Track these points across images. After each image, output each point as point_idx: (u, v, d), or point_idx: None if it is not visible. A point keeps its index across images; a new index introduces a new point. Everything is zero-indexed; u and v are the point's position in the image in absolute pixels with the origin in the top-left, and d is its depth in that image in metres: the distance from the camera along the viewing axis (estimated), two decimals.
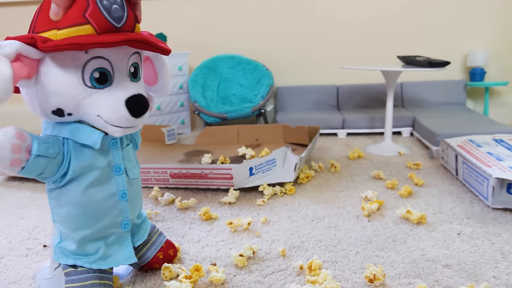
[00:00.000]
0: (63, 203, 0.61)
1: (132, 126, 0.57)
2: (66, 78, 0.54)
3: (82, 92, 0.55)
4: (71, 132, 0.59)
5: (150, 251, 0.73)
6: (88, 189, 0.60)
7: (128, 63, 0.59)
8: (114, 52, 0.56)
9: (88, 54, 0.54)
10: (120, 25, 0.54)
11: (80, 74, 0.54)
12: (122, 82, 0.57)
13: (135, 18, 0.58)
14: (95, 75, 0.55)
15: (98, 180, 0.61)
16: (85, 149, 0.60)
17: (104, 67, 0.55)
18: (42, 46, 0.51)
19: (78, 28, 0.52)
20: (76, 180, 0.60)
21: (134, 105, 0.56)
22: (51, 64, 0.54)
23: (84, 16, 0.52)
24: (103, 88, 0.56)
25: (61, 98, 0.55)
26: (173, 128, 1.73)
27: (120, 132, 0.57)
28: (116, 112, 0.55)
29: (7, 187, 1.28)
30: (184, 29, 2.22)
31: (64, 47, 0.50)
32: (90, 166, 0.60)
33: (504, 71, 2.10)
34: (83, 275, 0.63)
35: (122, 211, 0.65)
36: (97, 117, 0.56)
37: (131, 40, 0.53)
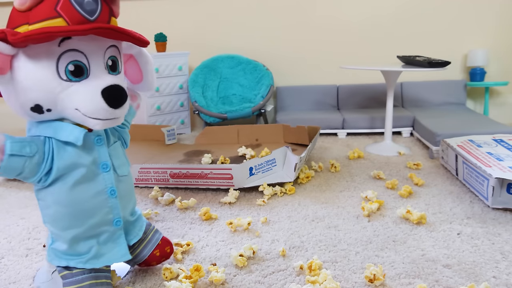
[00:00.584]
0: (50, 203, 0.61)
1: (111, 118, 0.57)
2: (40, 72, 0.54)
3: (57, 85, 0.55)
4: (53, 130, 0.58)
5: (146, 248, 0.73)
6: (74, 187, 0.60)
7: (105, 55, 0.58)
8: (88, 45, 0.56)
9: (61, 47, 0.54)
10: (93, 18, 0.54)
11: (54, 67, 0.54)
12: (99, 75, 0.57)
13: (110, 11, 0.57)
14: (70, 68, 0.55)
15: (84, 177, 0.60)
16: (68, 147, 0.59)
17: (79, 60, 0.55)
18: (12, 39, 0.51)
19: (50, 21, 0.52)
20: (61, 179, 0.59)
21: (111, 95, 0.55)
22: (24, 59, 0.54)
23: (56, 9, 0.52)
24: (80, 81, 0.56)
25: (37, 93, 0.55)
26: (173, 128, 1.73)
27: (100, 124, 0.57)
28: (93, 103, 0.55)
29: (7, 187, 1.28)
30: (184, 29, 2.22)
31: (33, 37, 0.50)
32: (74, 164, 0.60)
33: (504, 71, 2.10)
34: (78, 277, 0.62)
35: (112, 208, 0.64)
36: (75, 110, 0.56)
37: (100, 28, 0.53)
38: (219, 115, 1.88)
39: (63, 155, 0.59)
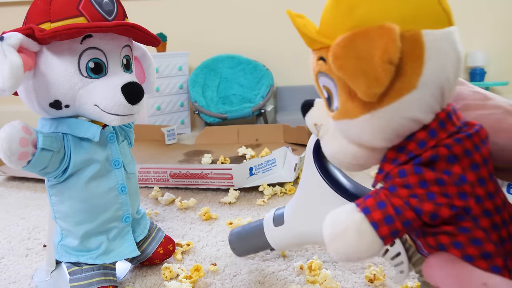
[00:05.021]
0: (65, 198, 0.62)
1: (129, 114, 0.58)
2: (63, 68, 0.55)
3: (78, 82, 0.56)
4: (69, 126, 0.60)
5: (150, 246, 0.74)
6: (89, 182, 0.62)
7: (121, 54, 0.60)
8: (107, 43, 0.58)
9: (83, 44, 0.56)
10: (111, 18, 0.57)
11: (76, 64, 0.56)
12: (117, 72, 0.59)
13: (124, 12, 0.60)
14: (90, 65, 0.56)
15: (98, 173, 0.62)
16: (84, 143, 0.61)
17: (98, 57, 0.57)
18: (40, 35, 0.52)
19: (72, 20, 0.54)
20: (76, 174, 0.61)
21: (131, 91, 0.57)
22: (48, 55, 0.55)
23: (78, 9, 0.54)
24: (99, 78, 0.57)
25: (58, 89, 0.56)
26: (173, 128, 1.73)
27: (117, 120, 0.58)
28: (113, 99, 0.56)
29: (7, 187, 1.28)
30: (184, 29, 2.22)
31: (62, 33, 0.52)
32: (90, 160, 0.61)
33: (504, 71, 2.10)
34: (88, 273, 0.63)
35: (122, 205, 0.66)
36: (94, 106, 0.57)
37: (123, 25, 0.56)
38: (219, 115, 1.88)
39: (79, 151, 0.61)
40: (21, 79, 0.50)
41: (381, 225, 0.32)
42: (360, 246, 0.33)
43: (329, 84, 0.36)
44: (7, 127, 0.52)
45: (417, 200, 0.31)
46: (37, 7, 0.56)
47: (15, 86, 0.49)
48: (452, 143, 0.32)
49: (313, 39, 0.35)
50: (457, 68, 0.33)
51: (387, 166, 0.35)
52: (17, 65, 0.49)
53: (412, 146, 0.33)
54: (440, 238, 0.33)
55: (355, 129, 0.34)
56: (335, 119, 0.36)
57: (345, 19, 0.32)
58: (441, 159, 0.32)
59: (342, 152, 0.36)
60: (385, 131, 0.32)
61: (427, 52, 0.30)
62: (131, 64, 0.64)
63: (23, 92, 0.59)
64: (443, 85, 0.32)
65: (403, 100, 0.31)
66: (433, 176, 0.31)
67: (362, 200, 0.34)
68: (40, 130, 0.59)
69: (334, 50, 0.31)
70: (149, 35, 0.60)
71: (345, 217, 0.34)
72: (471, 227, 0.32)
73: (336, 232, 0.34)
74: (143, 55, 0.71)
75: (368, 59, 0.29)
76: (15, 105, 2.19)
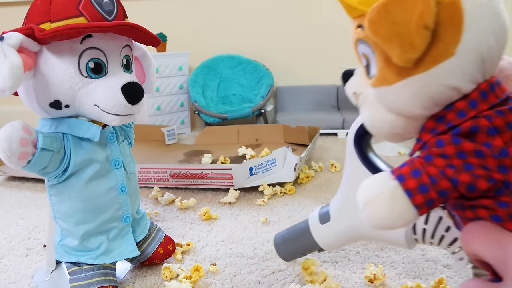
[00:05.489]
0: (65, 198, 0.62)
1: (129, 114, 0.58)
2: (63, 68, 0.55)
3: (78, 82, 0.56)
4: (69, 126, 0.60)
5: (151, 246, 0.74)
6: (89, 182, 0.62)
7: (121, 54, 0.60)
8: (107, 43, 0.58)
9: (83, 44, 0.56)
10: (111, 18, 0.57)
11: (76, 64, 0.56)
12: (116, 72, 0.59)
13: (124, 12, 0.60)
14: (90, 65, 0.56)
15: (98, 173, 0.62)
16: (84, 143, 0.61)
17: (98, 57, 0.57)
18: (40, 35, 0.52)
19: (72, 20, 0.54)
20: (76, 174, 0.61)
21: (131, 91, 0.57)
22: (48, 55, 0.55)
23: (78, 9, 0.54)
24: (99, 78, 0.57)
25: (58, 89, 0.56)
26: (173, 128, 1.73)
27: (117, 120, 0.58)
28: (113, 99, 0.56)
29: (7, 187, 1.28)
30: (184, 29, 2.22)
31: (62, 32, 0.52)
32: (90, 160, 0.62)
33: None
34: (88, 273, 0.64)
35: (122, 205, 0.66)
36: (94, 106, 0.57)
37: (123, 25, 0.56)
38: (219, 115, 1.88)
39: (79, 151, 0.61)
40: (21, 79, 0.50)
41: (415, 193, 0.32)
42: (393, 212, 0.32)
43: (367, 51, 0.36)
44: (7, 127, 0.52)
45: (454, 170, 0.31)
46: (37, 7, 0.56)
47: (15, 86, 0.49)
48: (494, 114, 0.31)
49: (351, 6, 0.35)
50: (501, 38, 0.32)
51: (426, 136, 0.34)
52: (17, 65, 0.49)
53: (451, 115, 0.32)
54: (479, 212, 0.33)
55: (392, 96, 0.33)
56: (373, 86, 0.36)
57: None
58: (481, 131, 0.31)
59: (380, 121, 0.36)
60: (422, 98, 0.32)
61: (467, 19, 0.30)
62: (131, 64, 0.64)
63: (23, 92, 0.59)
64: (483, 53, 0.31)
65: (440, 66, 0.30)
66: (472, 147, 0.31)
67: (398, 167, 0.34)
68: (40, 130, 0.59)
69: (370, 15, 0.31)
70: (149, 35, 0.60)
71: (380, 183, 0.33)
72: (510, 201, 0.31)
73: (369, 198, 0.33)
74: (143, 55, 0.71)
75: (404, 23, 0.29)
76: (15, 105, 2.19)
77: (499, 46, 0.32)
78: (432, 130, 0.33)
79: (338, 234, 0.57)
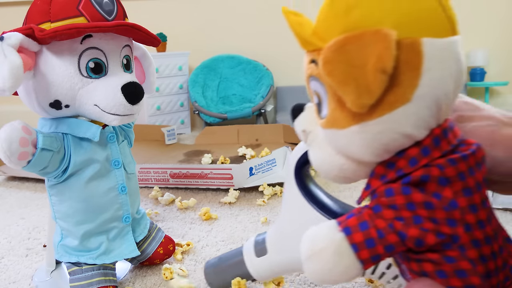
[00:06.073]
0: (65, 198, 0.62)
1: (129, 114, 0.58)
2: (63, 68, 0.55)
3: (79, 82, 0.56)
4: (69, 126, 0.60)
5: (150, 246, 0.74)
6: (89, 182, 0.62)
7: (121, 54, 0.60)
8: (107, 43, 0.58)
9: (83, 44, 0.56)
10: (111, 18, 0.57)
11: (76, 64, 0.56)
12: (117, 72, 0.59)
13: (124, 12, 0.60)
14: (90, 65, 0.56)
15: (98, 173, 0.62)
16: (84, 143, 0.61)
17: (98, 58, 0.57)
18: (40, 35, 0.52)
19: (72, 20, 0.54)
20: (76, 174, 0.61)
21: (131, 91, 0.57)
22: (48, 55, 0.55)
23: (78, 9, 0.54)
24: (99, 78, 0.57)
25: (58, 89, 0.56)
26: (173, 128, 1.73)
27: (117, 120, 0.58)
28: (113, 99, 0.56)
29: (7, 187, 1.28)
30: (184, 29, 2.22)
31: (62, 33, 0.52)
32: (90, 160, 0.62)
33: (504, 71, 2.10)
34: (88, 273, 0.64)
35: (122, 205, 0.66)
36: (94, 106, 0.57)
37: (123, 25, 0.56)
38: (219, 115, 1.88)
39: (79, 151, 0.61)
40: (21, 79, 0.50)
41: (361, 248, 0.31)
42: (338, 268, 0.31)
43: (319, 89, 0.34)
44: (7, 127, 0.52)
45: (402, 224, 0.30)
46: (37, 7, 0.56)
47: (15, 86, 0.49)
48: (445, 163, 0.30)
49: (305, 39, 0.33)
50: (458, 81, 0.31)
51: (375, 182, 0.32)
52: (17, 65, 0.49)
53: (403, 163, 0.31)
54: (424, 266, 0.32)
55: (343, 140, 0.32)
56: (323, 127, 0.34)
57: (340, 20, 0.30)
58: (432, 180, 0.30)
59: (329, 163, 0.34)
60: (374, 145, 0.30)
61: (426, 62, 0.28)
62: (131, 64, 0.64)
63: (23, 92, 0.59)
64: (440, 99, 0.29)
65: (395, 113, 0.29)
66: (422, 198, 0.30)
67: (345, 218, 0.32)
68: (40, 130, 0.59)
69: (325, 54, 0.29)
70: (149, 35, 0.61)
71: (324, 235, 0.32)
72: (457, 256, 0.30)
73: (313, 251, 0.32)
74: (143, 55, 0.71)
75: (360, 66, 0.27)
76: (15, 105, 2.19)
77: (457, 89, 0.31)
78: (382, 177, 0.32)
79: (275, 268, 0.55)
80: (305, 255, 0.32)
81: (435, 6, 0.29)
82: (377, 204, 0.31)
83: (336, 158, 0.34)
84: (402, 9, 0.28)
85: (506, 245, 0.33)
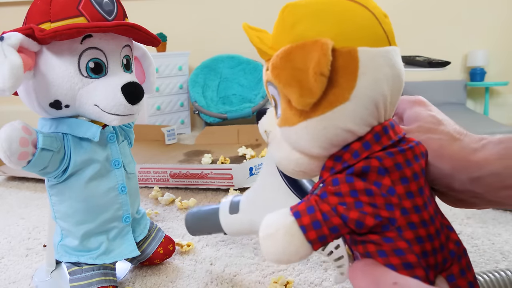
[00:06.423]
0: (65, 198, 0.62)
1: (129, 114, 0.59)
2: (64, 68, 0.55)
3: (79, 82, 0.56)
4: (69, 126, 0.60)
5: (150, 246, 0.74)
6: (89, 182, 0.62)
7: (121, 54, 0.60)
8: (107, 43, 0.58)
9: (83, 44, 0.56)
10: (111, 18, 0.57)
11: (76, 64, 0.56)
12: (117, 72, 0.59)
13: (124, 12, 0.60)
14: (90, 65, 0.56)
15: (98, 173, 0.62)
16: (84, 143, 0.61)
17: (98, 58, 0.57)
18: (40, 35, 0.52)
19: (72, 20, 0.54)
20: (76, 174, 0.61)
21: (131, 91, 0.57)
22: (48, 55, 0.55)
23: (78, 8, 0.54)
24: (99, 78, 0.57)
25: (58, 89, 0.56)
26: (173, 128, 1.73)
27: (117, 120, 0.58)
28: (113, 99, 0.56)
29: (7, 187, 1.28)
30: (184, 29, 2.22)
31: (62, 33, 0.52)
32: (90, 160, 0.62)
33: (504, 71, 2.10)
34: (88, 273, 0.64)
35: (122, 205, 0.66)
36: (94, 106, 0.57)
37: (124, 25, 0.56)
38: (219, 115, 1.88)
39: (79, 151, 0.61)
40: (21, 79, 0.50)
41: (309, 229, 0.34)
42: (289, 247, 0.34)
43: (274, 93, 0.38)
44: (7, 127, 0.52)
45: (345, 208, 0.33)
46: (37, 7, 0.56)
47: (15, 86, 0.49)
48: (384, 156, 0.34)
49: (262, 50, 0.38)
50: (395, 85, 0.35)
51: (325, 174, 0.36)
52: (17, 65, 0.49)
53: (347, 156, 0.34)
54: (368, 247, 0.35)
55: (294, 136, 0.36)
56: (279, 126, 0.38)
57: (287, 33, 0.34)
58: (372, 171, 0.33)
59: (286, 158, 0.38)
60: (320, 140, 0.34)
61: (361, 67, 0.32)
62: (131, 64, 0.64)
63: (23, 92, 0.59)
64: (377, 99, 0.33)
65: (335, 110, 0.33)
66: (363, 186, 0.33)
67: (296, 204, 0.36)
68: (40, 130, 0.59)
69: (273, 61, 0.34)
70: (149, 35, 0.61)
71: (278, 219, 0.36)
72: (395, 237, 0.34)
73: (268, 232, 0.36)
74: (143, 55, 0.71)
75: (302, 70, 0.31)
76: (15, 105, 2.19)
77: (394, 94, 0.35)
78: (331, 170, 0.36)
79: (242, 226, 0.60)
80: (262, 237, 0.36)
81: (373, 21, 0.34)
82: (324, 191, 0.35)
83: (292, 154, 0.37)
84: (342, 24, 0.33)
85: (445, 230, 0.36)
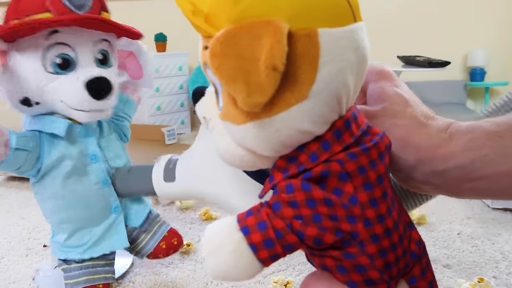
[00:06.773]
0: (46, 197, 0.62)
1: (97, 110, 0.57)
2: (28, 65, 0.55)
3: (43, 78, 0.55)
4: (41, 123, 0.59)
5: (151, 241, 0.72)
6: (67, 179, 0.60)
7: (94, 49, 0.58)
8: (76, 38, 0.56)
9: (49, 40, 0.54)
10: (82, 12, 0.55)
11: (40, 60, 0.55)
12: (87, 68, 0.57)
13: (102, 6, 0.58)
14: (57, 61, 0.55)
15: (74, 169, 0.61)
16: (56, 140, 0.60)
17: (66, 53, 0.55)
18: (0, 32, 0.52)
19: (38, 15, 0.53)
20: (52, 171, 0.60)
21: (95, 86, 0.55)
22: (15, 53, 0.55)
23: (44, 4, 0.53)
24: (66, 74, 0.56)
25: (25, 86, 0.55)
26: (173, 128, 1.73)
27: (85, 116, 0.57)
28: (77, 95, 0.55)
29: (7, 187, 1.28)
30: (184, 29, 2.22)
31: (17, 29, 0.51)
32: (63, 156, 0.60)
33: (504, 71, 2.10)
34: (76, 272, 0.63)
35: (107, 196, 0.64)
36: (61, 102, 0.56)
37: (85, 18, 0.53)
38: None
39: (51, 148, 0.60)
40: None
41: (260, 248, 0.30)
42: (237, 266, 0.31)
43: (214, 80, 0.30)
44: None
45: (301, 223, 0.29)
46: (10, 5, 0.56)
47: None
48: (345, 158, 0.28)
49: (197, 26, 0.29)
50: (360, 70, 0.29)
51: (277, 175, 0.31)
52: None
53: (304, 157, 0.29)
54: (325, 261, 0.32)
55: (239, 135, 0.29)
56: (221, 119, 0.31)
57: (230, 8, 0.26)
58: (332, 176, 0.28)
59: (231, 153, 0.32)
60: (272, 142, 0.28)
61: (323, 55, 0.26)
62: (109, 59, 0.61)
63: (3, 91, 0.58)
64: (339, 92, 0.27)
65: (291, 110, 0.27)
66: (322, 195, 0.28)
67: (244, 216, 0.31)
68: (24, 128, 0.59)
69: (213, 46, 0.26)
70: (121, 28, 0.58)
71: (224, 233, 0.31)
72: (356, 253, 0.30)
73: (213, 249, 0.31)
74: (138, 50, 0.69)
75: (251, 60, 0.24)
76: None
77: (358, 80, 0.29)
78: (284, 171, 0.30)
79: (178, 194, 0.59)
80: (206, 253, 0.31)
81: None
82: (277, 201, 0.30)
83: (237, 149, 0.31)
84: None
85: (407, 231, 0.33)
